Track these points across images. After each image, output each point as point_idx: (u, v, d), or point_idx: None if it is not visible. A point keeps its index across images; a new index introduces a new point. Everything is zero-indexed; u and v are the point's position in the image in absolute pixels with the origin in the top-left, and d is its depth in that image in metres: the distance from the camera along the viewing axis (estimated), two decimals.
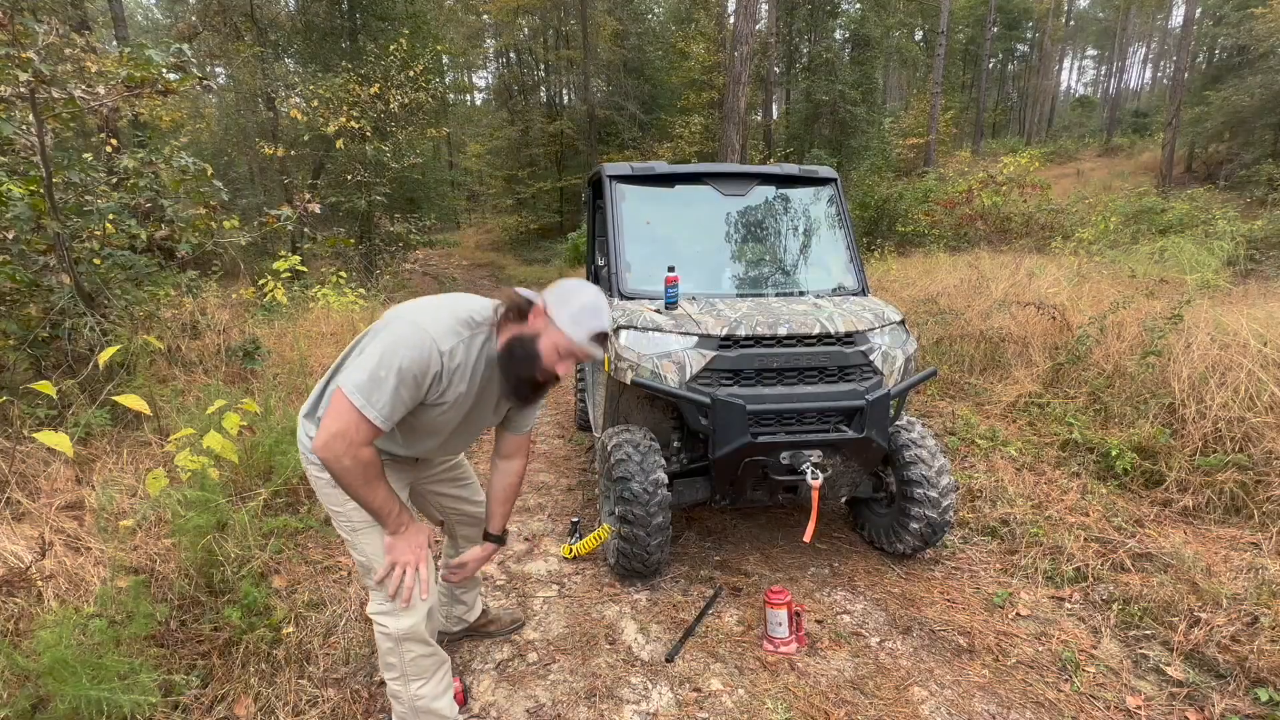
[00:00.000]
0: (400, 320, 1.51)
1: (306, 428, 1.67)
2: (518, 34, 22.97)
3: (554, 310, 1.52)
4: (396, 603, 1.64)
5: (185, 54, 3.60)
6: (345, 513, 1.65)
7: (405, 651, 1.70)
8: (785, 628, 2.28)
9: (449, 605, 2.28)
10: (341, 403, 1.44)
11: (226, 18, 12.34)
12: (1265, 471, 3.10)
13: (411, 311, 1.54)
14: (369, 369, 1.43)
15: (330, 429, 1.43)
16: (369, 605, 1.73)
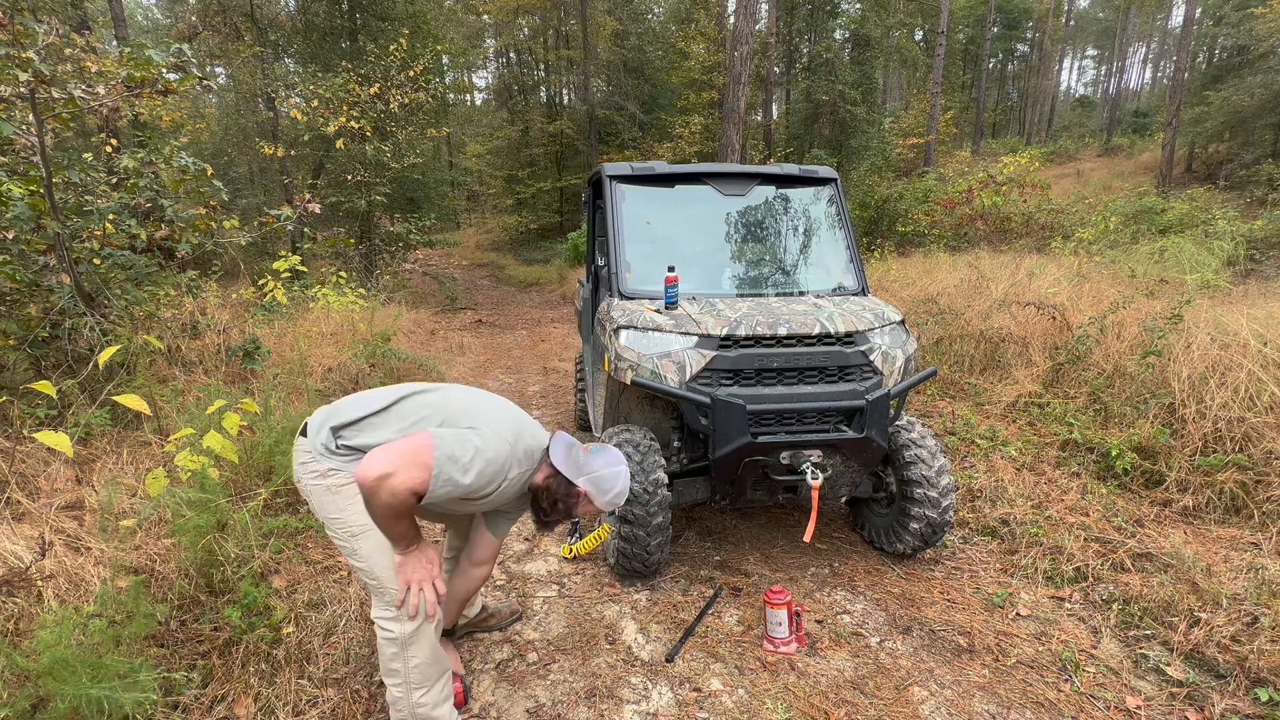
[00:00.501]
0: (496, 434, 1.66)
1: (323, 439, 1.69)
2: (518, 34, 22.97)
3: (595, 497, 1.80)
4: (404, 611, 1.68)
5: (185, 54, 3.60)
6: (343, 519, 1.68)
7: (410, 657, 1.72)
8: (785, 628, 2.28)
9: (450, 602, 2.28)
10: (425, 452, 1.51)
11: (226, 18, 12.33)
12: (1265, 471, 3.10)
13: (505, 426, 1.71)
14: (461, 454, 1.55)
15: (392, 465, 1.46)
16: (372, 610, 1.75)
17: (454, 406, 1.74)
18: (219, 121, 17.21)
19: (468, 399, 1.80)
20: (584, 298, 4.13)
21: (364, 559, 1.69)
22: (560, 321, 9.95)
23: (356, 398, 1.80)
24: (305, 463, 1.71)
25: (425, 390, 1.80)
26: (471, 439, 1.60)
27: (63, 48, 4.06)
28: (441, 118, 15.82)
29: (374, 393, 1.81)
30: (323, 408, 1.81)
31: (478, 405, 1.77)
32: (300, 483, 1.75)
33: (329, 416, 1.74)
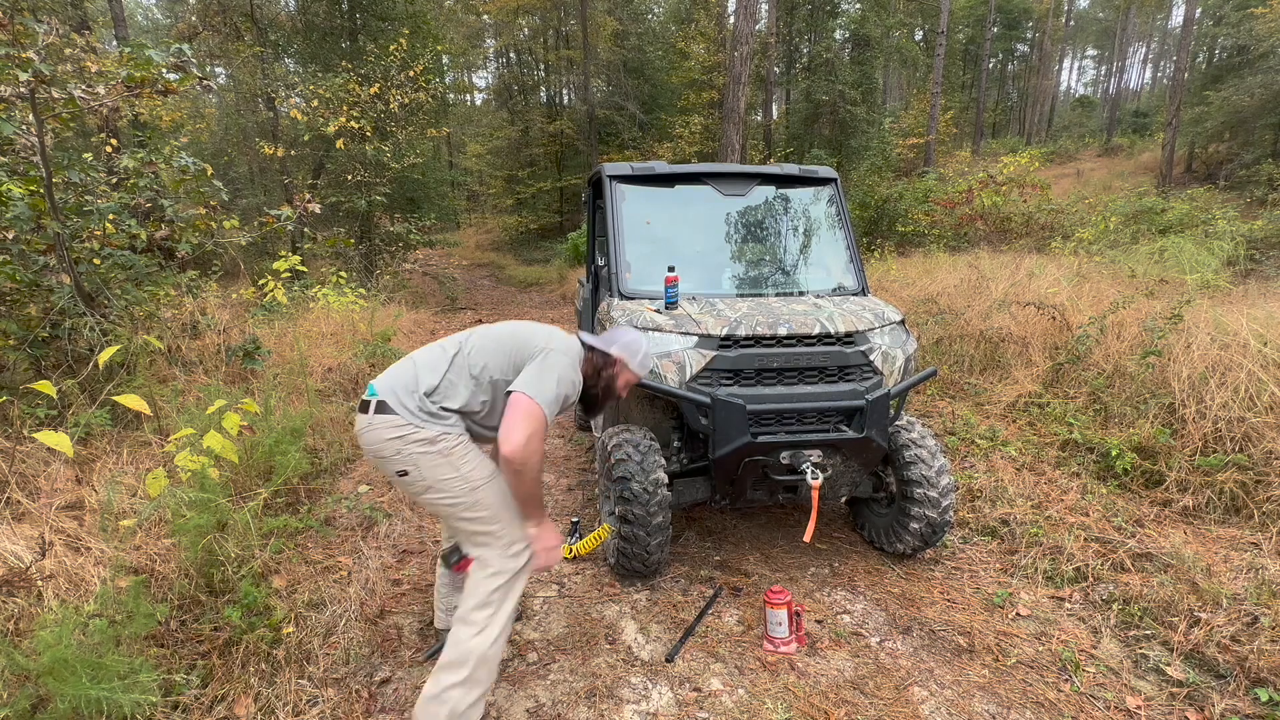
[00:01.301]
0: (559, 355, 1.90)
1: (422, 405, 1.82)
2: (518, 34, 22.96)
3: (628, 359, 2.06)
4: (520, 551, 1.88)
5: (185, 54, 3.59)
6: (461, 475, 1.83)
7: (508, 601, 1.85)
8: (785, 628, 2.28)
9: (450, 596, 2.29)
10: (535, 409, 1.75)
11: (226, 18, 12.33)
12: (1265, 471, 3.10)
13: (562, 347, 1.94)
14: (550, 387, 1.80)
15: (527, 430, 1.72)
16: (493, 555, 1.87)
17: (505, 344, 1.93)
18: (219, 121, 17.22)
19: (507, 332, 1.99)
20: (584, 298, 4.13)
21: (486, 508, 1.85)
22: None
23: (416, 366, 1.91)
24: (403, 435, 1.79)
25: (468, 339, 1.97)
26: (545, 373, 1.82)
27: (63, 48, 4.06)
28: (441, 118, 15.82)
29: (427, 356, 1.94)
30: (384, 382, 1.88)
31: (521, 334, 1.97)
32: (393, 457, 1.80)
33: (408, 385, 1.85)
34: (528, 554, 1.91)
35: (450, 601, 2.29)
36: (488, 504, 1.86)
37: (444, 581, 2.29)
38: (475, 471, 1.85)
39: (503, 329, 2.03)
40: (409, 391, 1.84)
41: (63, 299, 3.57)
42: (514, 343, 1.95)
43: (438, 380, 1.86)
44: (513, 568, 1.87)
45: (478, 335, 2.00)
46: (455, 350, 1.94)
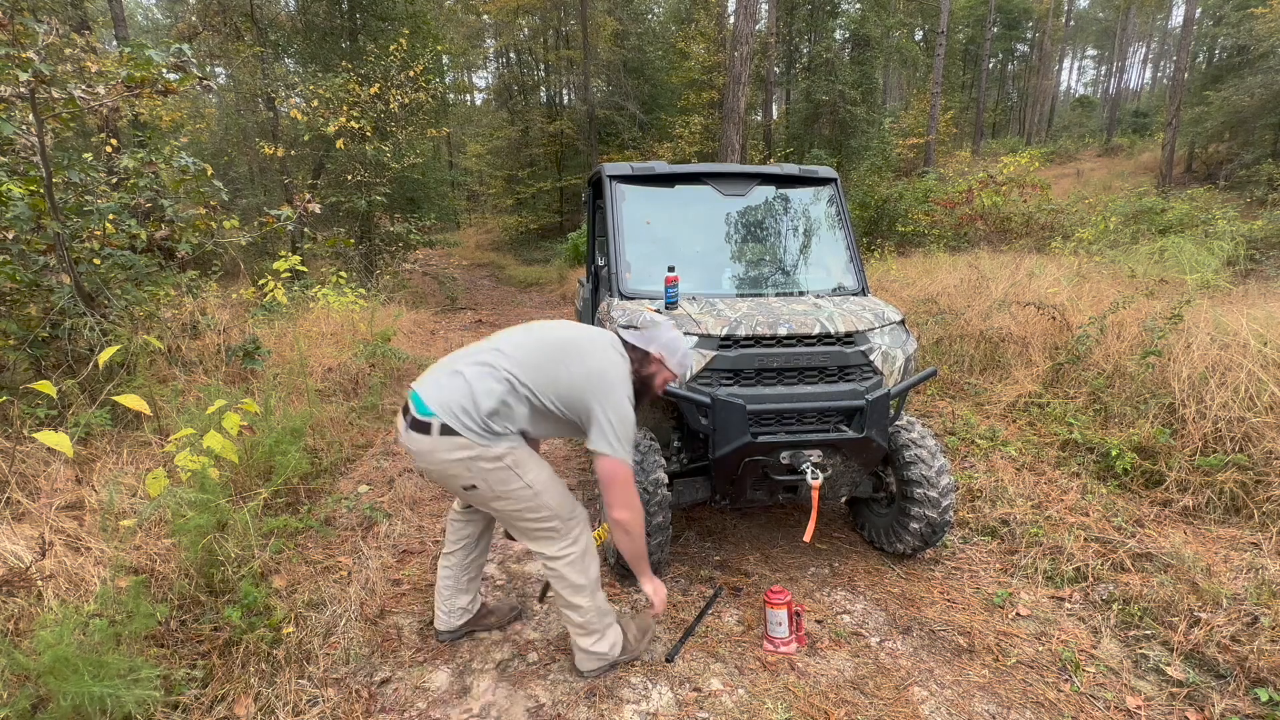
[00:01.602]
0: (618, 386, 1.92)
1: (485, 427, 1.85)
2: (518, 34, 22.95)
3: (667, 358, 2.06)
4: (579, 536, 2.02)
5: (185, 54, 3.59)
6: (525, 482, 1.91)
7: (589, 567, 2.04)
8: (785, 628, 2.28)
9: (453, 597, 2.31)
10: (626, 471, 1.89)
11: (226, 18, 12.33)
12: (1265, 471, 3.10)
13: (617, 374, 1.94)
14: (628, 435, 1.90)
15: (628, 494, 1.91)
16: (552, 549, 2.00)
17: (561, 375, 1.90)
18: (219, 121, 17.22)
19: (557, 350, 1.95)
20: (584, 298, 4.13)
21: (549, 507, 1.95)
22: None
23: (469, 384, 1.88)
24: (473, 456, 1.85)
25: (516, 353, 1.94)
26: (622, 428, 1.88)
27: (63, 48, 4.06)
28: (441, 118, 15.82)
29: (479, 373, 1.90)
30: (437, 397, 1.87)
31: (573, 356, 1.93)
32: (461, 475, 1.88)
33: (466, 405, 1.85)
34: (586, 538, 2.05)
35: (454, 603, 2.31)
36: (549, 504, 1.96)
37: (447, 583, 2.30)
38: (538, 477, 1.94)
39: (550, 343, 1.97)
40: (469, 412, 1.85)
41: (63, 299, 3.57)
42: (569, 374, 1.91)
43: (495, 404, 1.87)
44: (574, 552, 2.01)
45: (526, 351, 1.95)
46: (507, 371, 1.90)
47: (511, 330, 2.08)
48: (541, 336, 2.01)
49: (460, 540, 2.29)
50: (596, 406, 1.88)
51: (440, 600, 2.31)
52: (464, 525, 2.29)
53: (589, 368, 1.92)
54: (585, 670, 2.16)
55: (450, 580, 2.29)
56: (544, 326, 2.08)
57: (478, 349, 2.00)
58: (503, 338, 2.03)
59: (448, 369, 1.96)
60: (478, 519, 2.29)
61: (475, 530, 2.29)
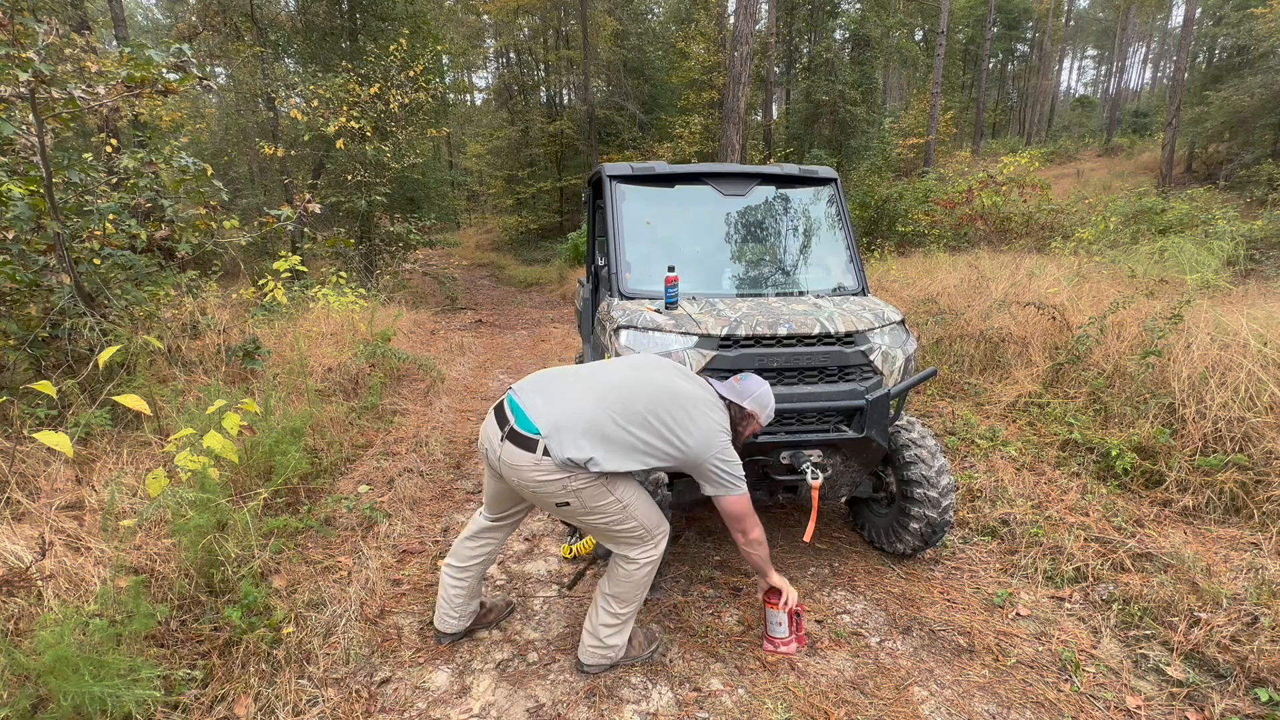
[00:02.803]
0: (718, 438, 2.01)
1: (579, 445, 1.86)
2: (518, 34, 22.95)
3: (759, 414, 2.16)
4: (659, 541, 2.10)
5: (185, 54, 3.59)
6: (616, 496, 1.96)
7: (650, 578, 2.13)
8: (785, 628, 2.28)
9: (466, 603, 2.33)
10: (743, 502, 2.04)
11: (226, 18, 12.33)
12: (1265, 471, 3.10)
13: (718, 429, 2.02)
14: (734, 472, 2.02)
15: (752, 522, 2.08)
16: (634, 553, 2.07)
17: (674, 439, 1.94)
18: (219, 121, 17.22)
19: (667, 413, 1.95)
20: (584, 298, 4.13)
21: (637, 518, 2.01)
22: (560, 321, 9.95)
23: (584, 422, 1.89)
24: (573, 474, 1.87)
25: (632, 405, 1.93)
26: (735, 470, 2.01)
27: (63, 48, 4.06)
28: (441, 118, 15.83)
29: (595, 417, 1.90)
30: (547, 418, 1.89)
31: (681, 423, 1.96)
32: (557, 493, 1.90)
33: (577, 436, 1.86)
34: (665, 545, 2.14)
35: (466, 608, 2.33)
36: (636, 517, 2.02)
37: (459, 591, 2.30)
38: (627, 492, 2.00)
39: (661, 398, 1.97)
40: (578, 444, 1.86)
41: (63, 299, 3.57)
42: (678, 437, 1.95)
43: (604, 438, 1.89)
44: (654, 556, 2.10)
45: (636, 399, 1.94)
46: (620, 414, 1.91)
47: (620, 367, 2.10)
48: (651, 386, 2.00)
49: (479, 557, 2.30)
50: (707, 462, 1.98)
51: (450, 606, 2.31)
52: (484, 544, 2.30)
53: (698, 431, 1.97)
54: (587, 664, 2.19)
55: (464, 590, 2.30)
56: (650, 371, 2.07)
57: (592, 381, 2.00)
58: (614, 375, 2.04)
59: (561, 391, 1.97)
60: (499, 536, 2.32)
61: (495, 546, 2.33)
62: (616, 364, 2.14)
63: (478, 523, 2.32)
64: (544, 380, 2.04)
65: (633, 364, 2.13)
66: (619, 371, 2.07)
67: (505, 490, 2.15)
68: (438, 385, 5.77)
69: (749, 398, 2.15)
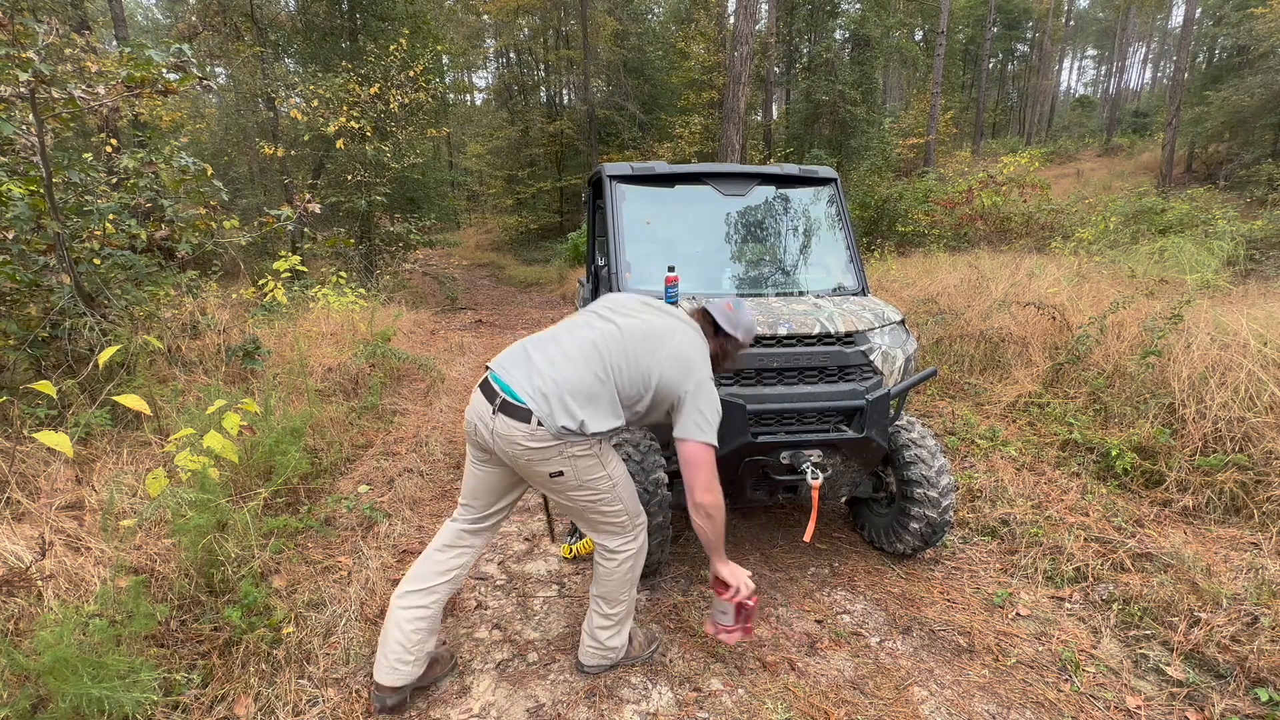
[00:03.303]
0: (702, 377, 1.90)
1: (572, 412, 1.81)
2: (518, 34, 22.96)
3: (744, 339, 2.08)
4: (640, 531, 2.07)
5: (185, 54, 3.59)
6: (608, 473, 1.93)
7: (638, 567, 2.09)
8: (730, 617, 2.06)
9: (425, 640, 1.99)
10: (708, 454, 1.85)
11: (226, 18, 12.33)
12: (1265, 471, 3.10)
13: (699, 357, 1.93)
14: (712, 417, 1.87)
15: (709, 480, 1.86)
16: (614, 543, 2.04)
17: (652, 374, 1.87)
18: (219, 121, 17.22)
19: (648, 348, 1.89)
20: (584, 298, 4.13)
21: (622, 499, 1.98)
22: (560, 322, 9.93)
23: (567, 386, 1.82)
24: (569, 440, 1.82)
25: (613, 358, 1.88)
26: (709, 415, 1.86)
27: (63, 48, 4.06)
28: (441, 118, 15.84)
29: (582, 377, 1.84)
30: (536, 388, 1.81)
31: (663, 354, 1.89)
32: (554, 458, 1.83)
33: (566, 403, 1.80)
34: (644, 537, 2.09)
35: (423, 647, 1.99)
36: (622, 497, 1.98)
37: (420, 624, 1.98)
38: (617, 470, 1.97)
39: (637, 334, 1.91)
40: (568, 409, 1.80)
41: (63, 299, 3.57)
42: (657, 363, 1.88)
43: (591, 397, 1.84)
44: (634, 550, 2.06)
45: (615, 343, 1.88)
46: (600, 366, 1.85)
47: (593, 320, 1.99)
48: (627, 326, 1.94)
49: (451, 572, 2.04)
50: (686, 394, 1.86)
51: (403, 648, 1.94)
52: (460, 554, 2.06)
53: (675, 354, 1.89)
54: (587, 665, 2.18)
55: (426, 620, 1.98)
56: (625, 311, 2.00)
57: (570, 341, 1.92)
58: (590, 330, 1.94)
59: (541, 361, 1.88)
60: (477, 544, 2.10)
61: (470, 559, 2.09)
62: (589, 317, 2.02)
63: (452, 530, 2.07)
64: (522, 353, 1.93)
65: (606, 310, 2.02)
66: (594, 324, 1.96)
67: (492, 476, 2.00)
68: (438, 385, 5.77)
69: (741, 327, 2.06)
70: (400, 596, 2.00)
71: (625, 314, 1.99)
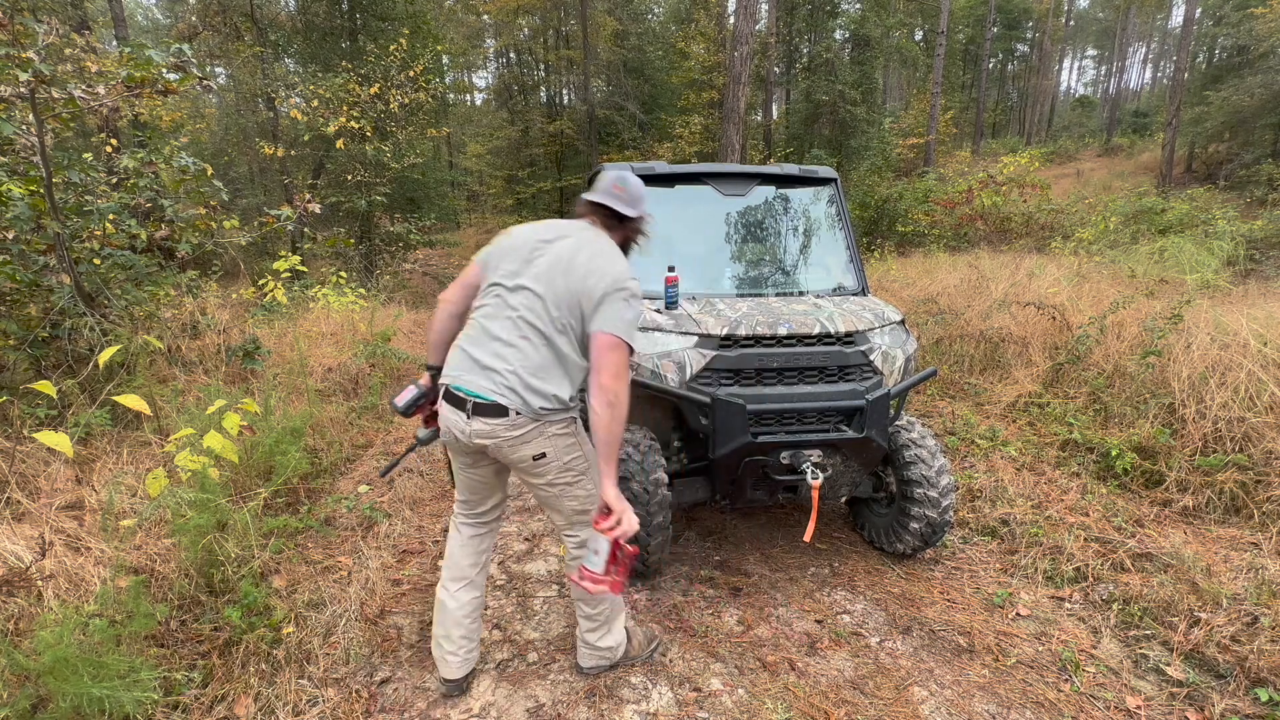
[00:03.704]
0: (617, 275, 1.84)
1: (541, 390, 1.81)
2: (518, 34, 22.95)
3: (637, 210, 2.04)
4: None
5: (185, 54, 3.59)
6: (583, 454, 1.93)
7: None
8: (601, 560, 1.88)
9: (477, 624, 2.11)
10: (620, 344, 1.77)
11: (226, 18, 12.34)
12: (1265, 471, 3.10)
13: (611, 263, 1.88)
14: (630, 320, 1.81)
15: (620, 367, 1.76)
16: (585, 534, 2.00)
17: (557, 289, 1.83)
18: (219, 121, 17.23)
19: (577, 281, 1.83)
20: None
21: (590, 486, 1.95)
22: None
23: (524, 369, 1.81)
24: (548, 420, 1.83)
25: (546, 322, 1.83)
26: (621, 306, 1.80)
27: (63, 48, 4.06)
28: (441, 118, 15.84)
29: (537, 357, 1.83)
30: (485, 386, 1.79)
31: (605, 272, 1.83)
32: (536, 440, 1.83)
33: (524, 390, 1.79)
34: None
35: (478, 631, 2.12)
36: (592, 481, 1.96)
37: (473, 613, 2.08)
38: (589, 450, 1.96)
39: (558, 278, 1.84)
40: (539, 392, 1.81)
41: (63, 299, 3.57)
42: (585, 294, 1.82)
43: (564, 374, 1.86)
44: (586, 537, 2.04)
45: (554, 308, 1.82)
46: (554, 334, 1.83)
47: (502, 293, 1.89)
48: (537, 280, 1.86)
49: (480, 559, 2.10)
50: (604, 295, 1.80)
51: (469, 640, 2.08)
52: (483, 537, 2.11)
53: (590, 268, 1.83)
54: (586, 667, 2.18)
55: (474, 610, 2.07)
56: (523, 261, 1.90)
57: (501, 326, 1.86)
58: (506, 307, 1.87)
59: (487, 355, 1.84)
60: (489, 541, 2.15)
61: (490, 539, 2.15)
62: (500, 294, 1.90)
63: (461, 536, 2.11)
64: (467, 359, 1.87)
65: (507, 277, 1.90)
66: (510, 300, 1.87)
67: (482, 473, 2.01)
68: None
69: (640, 204, 2.01)
70: (452, 596, 2.06)
71: (527, 267, 1.89)
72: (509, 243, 1.97)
